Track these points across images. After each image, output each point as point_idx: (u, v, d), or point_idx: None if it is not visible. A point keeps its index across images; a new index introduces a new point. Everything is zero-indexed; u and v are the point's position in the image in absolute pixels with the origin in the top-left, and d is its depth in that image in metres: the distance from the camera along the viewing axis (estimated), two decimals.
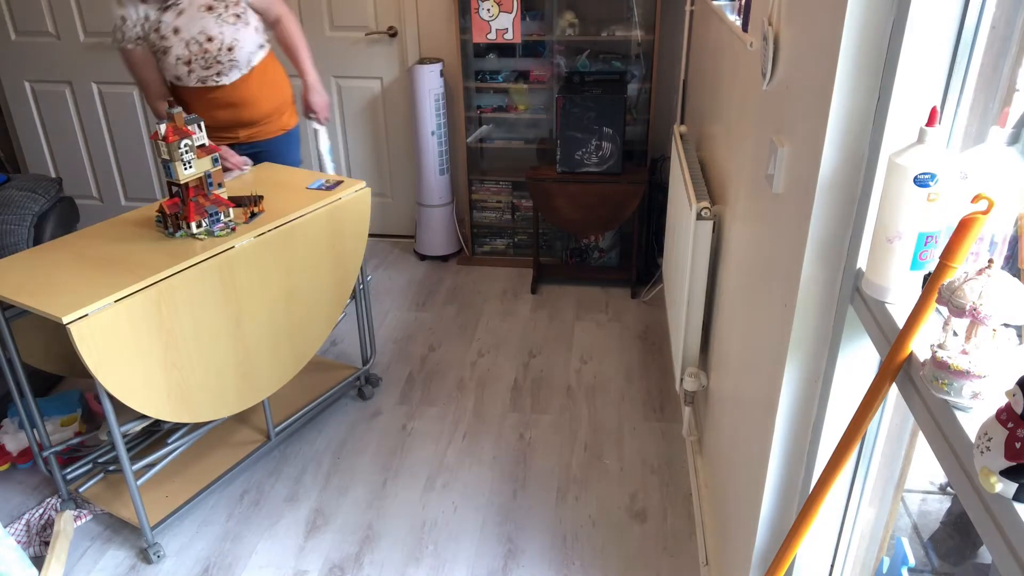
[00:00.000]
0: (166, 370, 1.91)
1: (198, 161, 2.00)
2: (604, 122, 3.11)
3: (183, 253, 1.96)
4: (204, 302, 1.97)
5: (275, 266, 2.15)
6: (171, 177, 1.99)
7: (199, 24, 2.35)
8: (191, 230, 2.04)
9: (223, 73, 2.43)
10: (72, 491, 2.22)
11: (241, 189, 2.37)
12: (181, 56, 2.36)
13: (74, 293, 1.78)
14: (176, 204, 2.02)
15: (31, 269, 1.90)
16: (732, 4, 2.19)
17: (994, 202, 0.82)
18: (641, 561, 2.03)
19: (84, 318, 1.71)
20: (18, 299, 1.77)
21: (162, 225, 2.08)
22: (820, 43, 1.10)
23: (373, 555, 2.06)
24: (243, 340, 2.11)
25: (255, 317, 2.13)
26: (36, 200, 2.74)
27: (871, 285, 1.03)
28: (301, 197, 2.32)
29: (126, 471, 1.96)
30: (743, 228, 1.71)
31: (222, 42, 2.38)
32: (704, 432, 2.25)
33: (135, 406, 1.86)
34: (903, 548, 1.26)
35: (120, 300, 1.78)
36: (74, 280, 1.84)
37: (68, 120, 3.83)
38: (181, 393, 1.97)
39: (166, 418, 1.95)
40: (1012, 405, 0.69)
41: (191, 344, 1.96)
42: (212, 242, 2.02)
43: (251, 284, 2.09)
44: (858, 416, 1.00)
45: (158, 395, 1.91)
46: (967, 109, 1.01)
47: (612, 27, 3.30)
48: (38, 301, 1.74)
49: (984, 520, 0.75)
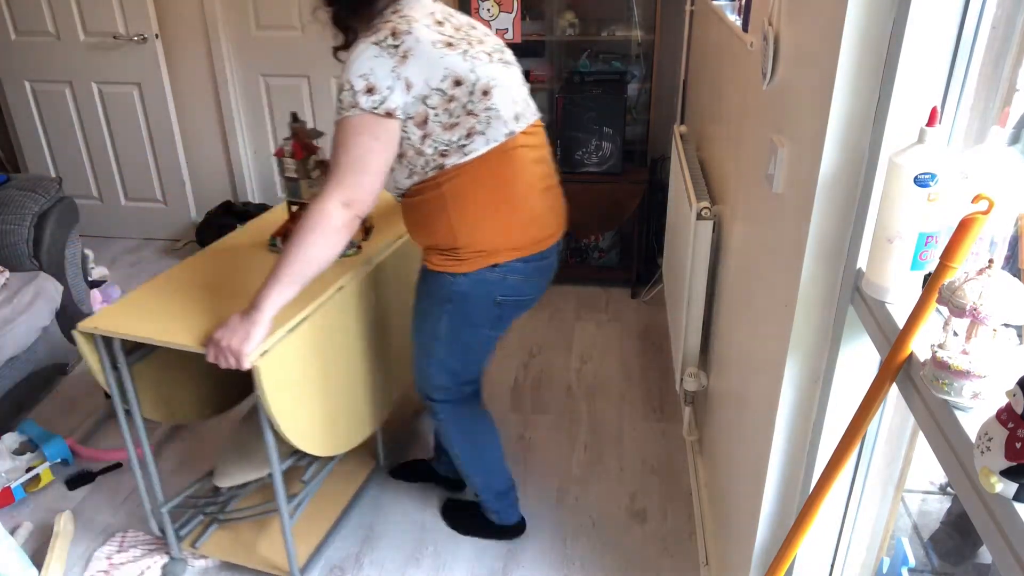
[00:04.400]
0: (322, 400, 1.75)
1: (322, 178, 1.82)
2: (604, 122, 3.11)
3: (328, 277, 1.76)
4: (348, 325, 1.82)
5: (395, 280, 2.00)
6: (295, 196, 1.82)
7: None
8: None
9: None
10: (187, 547, 2.02)
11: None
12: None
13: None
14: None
15: (162, 306, 1.68)
16: (732, 4, 2.19)
17: (994, 202, 0.82)
18: (641, 561, 2.03)
19: (265, 354, 1.52)
20: (174, 340, 1.55)
21: (275, 247, 1.91)
22: (820, 43, 1.10)
23: (373, 555, 2.06)
24: (375, 360, 1.97)
25: (384, 336, 1.99)
26: (36, 200, 2.74)
27: (871, 285, 1.03)
28: (396, 206, 2.12)
29: (283, 513, 1.77)
30: (743, 228, 1.71)
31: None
32: (704, 432, 2.25)
33: (297, 441, 1.67)
34: (903, 548, 1.27)
35: (291, 330, 1.60)
36: (224, 313, 1.63)
37: (68, 120, 3.83)
38: (333, 422, 1.81)
39: (317, 451, 1.76)
40: (1012, 405, 0.69)
41: (341, 369, 1.82)
42: (345, 263, 1.84)
43: (381, 301, 1.94)
44: (858, 416, 1.00)
45: (316, 427, 1.75)
46: (967, 109, 1.01)
47: (612, 27, 3.30)
48: (193, 339, 1.54)
49: (984, 520, 0.75)
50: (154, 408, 1.89)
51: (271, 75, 3.67)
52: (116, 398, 1.76)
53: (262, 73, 3.68)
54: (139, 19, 3.51)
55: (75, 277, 2.88)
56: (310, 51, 3.52)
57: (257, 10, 3.53)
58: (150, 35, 3.54)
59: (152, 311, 1.66)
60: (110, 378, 1.73)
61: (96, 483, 2.33)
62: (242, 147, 3.86)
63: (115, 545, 2.08)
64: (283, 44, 3.57)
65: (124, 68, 3.65)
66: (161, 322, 1.61)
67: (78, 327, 1.63)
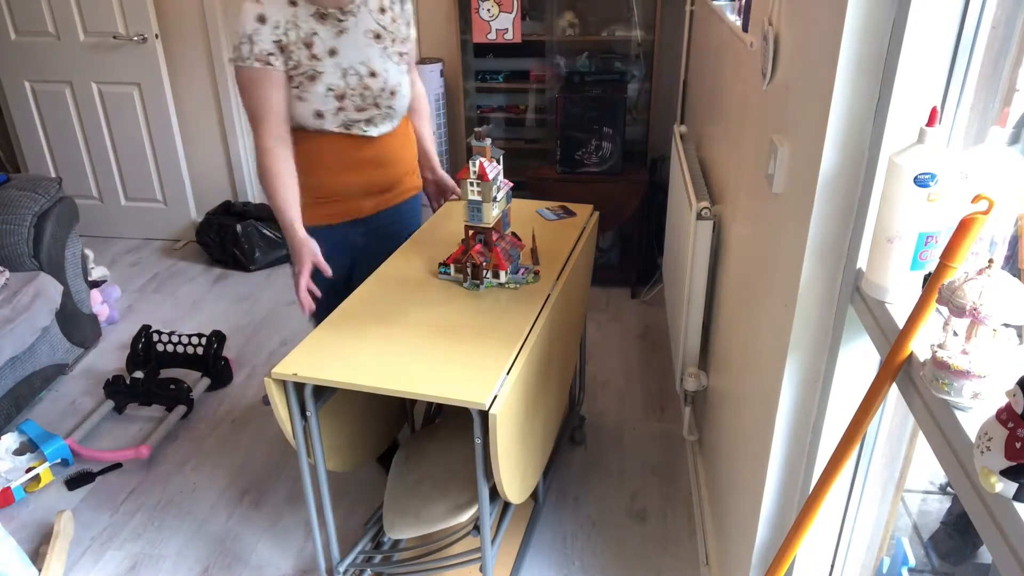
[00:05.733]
0: (529, 442, 1.63)
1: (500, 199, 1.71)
2: (604, 122, 3.11)
3: (525, 309, 1.64)
4: (538, 358, 1.63)
5: (564, 307, 1.83)
6: (477, 220, 1.68)
7: (363, 52, 1.80)
8: (499, 279, 1.72)
9: (374, 122, 1.86)
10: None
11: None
12: (335, 87, 1.77)
13: (442, 371, 1.44)
14: (481, 251, 1.70)
15: (346, 347, 1.53)
16: (732, 4, 2.19)
17: (994, 202, 0.82)
18: (641, 561, 2.03)
19: (495, 400, 1.38)
20: (392, 387, 1.40)
21: (448, 275, 1.76)
22: (820, 43, 1.10)
23: None
24: (554, 393, 1.84)
25: (559, 367, 1.86)
26: (36, 200, 2.74)
27: (871, 285, 1.03)
28: (550, 227, 1.99)
29: (488, 562, 1.62)
30: (743, 228, 1.71)
31: (386, 81, 1.84)
32: (704, 432, 2.25)
33: (509, 488, 1.52)
34: (903, 548, 1.27)
35: (509, 372, 1.46)
36: (403, 346, 1.51)
37: (68, 120, 3.83)
38: (527, 464, 1.67)
39: (516, 498, 1.61)
40: (1012, 405, 0.69)
41: (539, 407, 1.69)
42: (526, 292, 1.71)
43: (557, 332, 1.79)
44: (858, 416, 1.00)
45: (519, 472, 1.61)
46: (967, 109, 1.01)
47: (612, 27, 3.30)
48: (422, 386, 1.40)
49: (984, 520, 0.75)
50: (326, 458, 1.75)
51: None
52: (302, 451, 1.59)
53: None
54: (139, 19, 3.51)
55: (75, 277, 2.88)
56: None
57: None
58: (150, 35, 3.54)
59: (338, 353, 1.51)
60: (297, 428, 1.56)
61: (96, 483, 2.33)
62: (242, 147, 3.87)
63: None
64: None
65: (124, 68, 3.65)
66: (352, 364, 1.47)
67: (272, 373, 1.46)
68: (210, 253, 3.75)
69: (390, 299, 1.70)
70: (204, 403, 2.70)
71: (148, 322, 2.97)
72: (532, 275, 1.76)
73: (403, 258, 1.90)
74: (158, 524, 2.18)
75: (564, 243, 1.95)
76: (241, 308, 3.36)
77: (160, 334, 2.78)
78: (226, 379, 2.79)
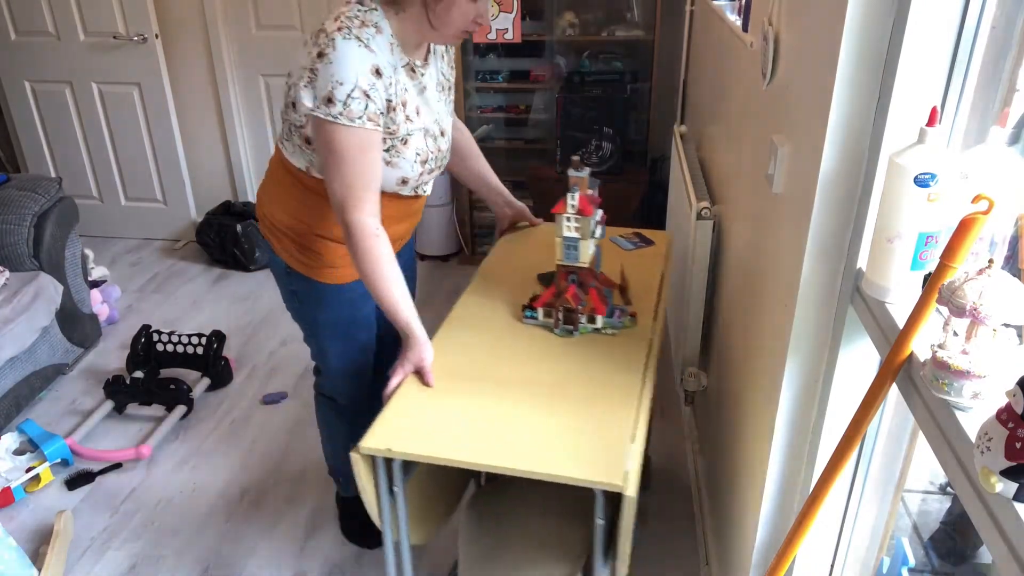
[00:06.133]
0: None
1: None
2: (604, 122, 3.11)
3: (630, 360, 1.48)
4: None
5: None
6: (572, 260, 1.49)
7: (435, 109, 1.59)
8: (595, 324, 1.54)
9: (431, 180, 1.68)
10: None
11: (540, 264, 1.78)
12: (421, 152, 1.54)
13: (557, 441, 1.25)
14: (576, 294, 1.52)
15: (431, 414, 1.34)
16: (732, 4, 2.19)
17: (994, 202, 0.82)
18: (641, 561, 2.03)
19: (627, 473, 1.21)
20: (505, 463, 1.22)
21: (535, 319, 1.57)
22: (820, 43, 1.10)
23: (373, 555, 2.06)
24: None
25: None
26: (36, 200, 2.74)
27: (871, 285, 1.03)
28: (628, 258, 1.81)
29: None
30: (743, 228, 1.71)
31: (449, 139, 1.66)
32: (704, 432, 2.25)
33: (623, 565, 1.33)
34: (903, 548, 1.27)
35: (634, 440, 1.28)
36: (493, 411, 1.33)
37: (68, 120, 3.83)
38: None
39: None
40: (1012, 405, 0.69)
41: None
42: (625, 338, 1.54)
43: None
44: (858, 416, 1.00)
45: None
46: (967, 109, 1.01)
47: (612, 27, 3.30)
48: (540, 462, 1.22)
49: (984, 520, 0.75)
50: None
51: (271, 75, 3.67)
52: (387, 529, 1.44)
53: (262, 73, 3.68)
54: (139, 19, 3.51)
55: (75, 277, 2.88)
56: None
57: (257, 10, 3.53)
58: (150, 35, 3.54)
59: (431, 420, 1.33)
60: (385, 505, 1.39)
61: (96, 483, 2.33)
62: (242, 147, 3.87)
63: None
64: (283, 44, 3.57)
65: (124, 68, 3.65)
66: (451, 435, 1.30)
67: (360, 448, 1.29)
68: (210, 253, 3.75)
69: (473, 349, 1.51)
70: (204, 403, 2.70)
71: (148, 322, 2.97)
72: (628, 318, 1.58)
73: (474, 298, 1.69)
74: (158, 524, 2.18)
75: (648, 277, 1.76)
76: (241, 308, 3.36)
77: (160, 334, 2.78)
78: (226, 379, 2.79)
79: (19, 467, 2.29)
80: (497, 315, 1.62)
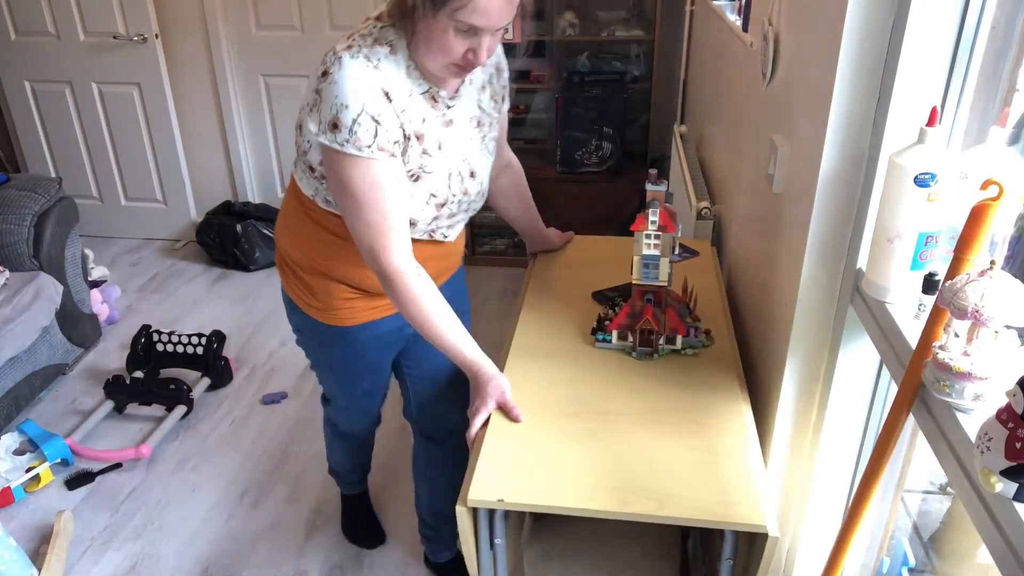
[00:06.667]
0: None
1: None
2: (604, 122, 3.11)
3: (722, 382, 1.37)
4: None
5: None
6: (652, 279, 1.39)
7: (464, 147, 1.41)
8: (674, 345, 1.45)
9: (455, 225, 1.49)
10: None
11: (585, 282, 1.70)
12: (437, 194, 1.37)
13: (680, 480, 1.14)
14: (655, 314, 1.41)
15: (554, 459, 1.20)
16: (732, 4, 2.19)
17: (1004, 188, 0.81)
18: None
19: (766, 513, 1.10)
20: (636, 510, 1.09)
21: (608, 343, 1.47)
22: (820, 43, 1.10)
23: (373, 555, 2.06)
24: None
25: None
26: (36, 200, 2.74)
27: (871, 285, 1.03)
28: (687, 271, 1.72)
29: None
30: (743, 228, 1.71)
31: (482, 182, 1.46)
32: None
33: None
34: (903, 548, 1.27)
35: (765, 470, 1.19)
36: (655, 459, 1.19)
37: (68, 120, 3.83)
38: None
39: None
40: (1012, 405, 0.69)
41: None
42: (707, 358, 1.45)
43: None
44: (880, 445, 0.97)
45: None
46: (967, 109, 1.01)
47: (612, 27, 3.30)
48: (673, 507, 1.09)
49: (984, 520, 0.75)
50: None
51: (271, 75, 3.67)
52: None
53: (262, 73, 3.67)
54: (139, 19, 3.51)
55: (75, 277, 2.88)
56: (310, 51, 3.51)
57: (257, 10, 3.53)
58: (150, 35, 3.54)
59: (539, 465, 1.19)
60: (484, 559, 1.25)
61: (96, 483, 2.33)
62: (242, 147, 3.86)
63: None
64: (283, 44, 3.57)
65: (124, 68, 3.64)
66: (566, 480, 1.16)
67: (468, 500, 1.14)
68: (210, 253, 3.75)
69: (551, 381, 1.39)
70: (204, 403, 2.69)
71: (148, 322, 2.97)
72: (705, 336, 1.48)
73: (531, 325, 1.57)
74: (158, 524, 2.18)
75: (707, 290, 1.67)
76: (241, 308, 3.36)
77: (160, 334, 2.77)
78: (226, 379, 2.79)
79: (19, 467, 2.29)
80: (563, 341, 1.50)
